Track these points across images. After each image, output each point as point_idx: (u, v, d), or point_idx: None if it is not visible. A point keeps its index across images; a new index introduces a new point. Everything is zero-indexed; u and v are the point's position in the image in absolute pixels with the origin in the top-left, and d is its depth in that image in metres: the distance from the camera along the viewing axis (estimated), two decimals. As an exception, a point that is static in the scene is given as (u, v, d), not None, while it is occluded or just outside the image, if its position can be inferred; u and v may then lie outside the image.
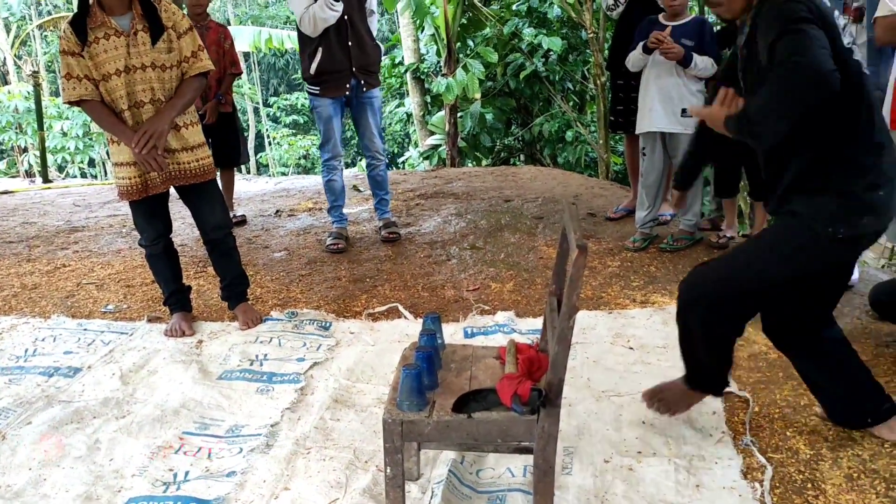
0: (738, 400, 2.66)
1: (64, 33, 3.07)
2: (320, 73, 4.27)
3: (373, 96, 4.42)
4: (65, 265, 4.58)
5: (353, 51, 4.24)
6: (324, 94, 4.32)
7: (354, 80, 4.30)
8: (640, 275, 3.89)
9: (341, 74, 4.27)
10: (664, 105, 4.01)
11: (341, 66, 4.24)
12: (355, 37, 4.24)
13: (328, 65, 4.24)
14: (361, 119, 4.44)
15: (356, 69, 4.27)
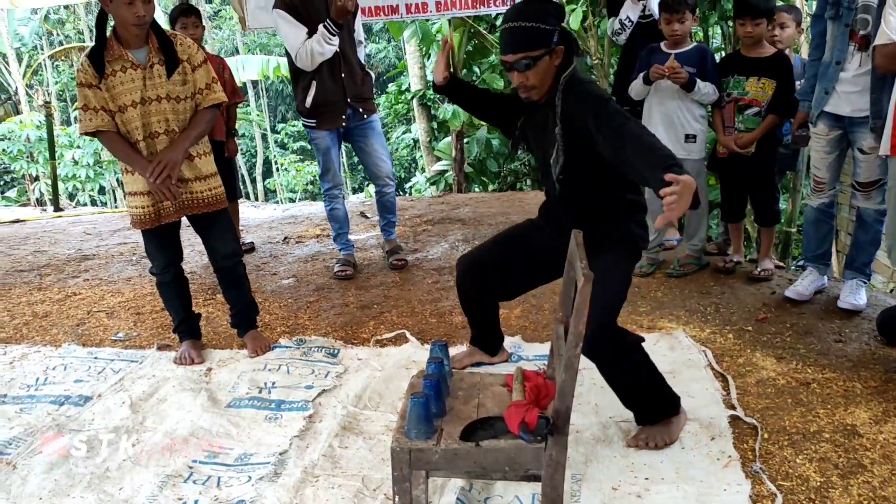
0: (747, 426, 2.66)
1: (82, 66, 3.13)
2: (316, 105, 4.31)
3: (372, 121, 4.47)
4: (75, 293, 4.62)
5: (346, 81, 4.29)
6: (320, 127, 4.37)
7: (350, 110, 4.34)
8: (647, 300, 3.90)
9: (336, 106, 4.32)
10: (667, 131, 4.04)
11: (336, 97, 4.29)
12: (347, 68, 4.29)
13: (323, 97, 4.29)
14: (365, 146, 4.48)
15: (350, 99, 4.32)
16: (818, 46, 3.53)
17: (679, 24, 3.96)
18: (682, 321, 3.61)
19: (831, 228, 3.76)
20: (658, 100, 4.05)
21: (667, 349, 3.32)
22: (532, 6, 2.49)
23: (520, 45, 2.46)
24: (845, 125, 3.43)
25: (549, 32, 2.48)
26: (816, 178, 3.64)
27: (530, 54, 2.46)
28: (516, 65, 2.48)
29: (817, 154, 3.59)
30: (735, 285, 4.01)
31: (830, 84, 3.40)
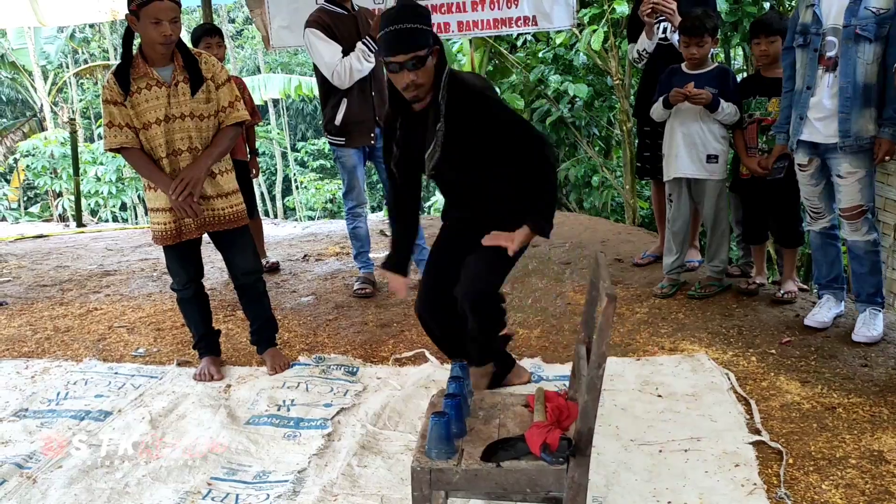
0: (771, 451, 2.62)
1: (107, 83, 3.17)
2: (345, 123, 4.33)
3: None
4: (97, 308, 4.65)
5: (376, 100, 4.31)
6: (349, 145, 4.39)
7: (379, 129, 4.34)
8: (668, 322, 3.87)
9: (366, 124, 4.33)
10: (689, 151, 4.03)
11: (365, 116, 4.31)
12: (377, 86, 4.31)
13: (354, 116, 4.31)
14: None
15: (379, 118, 4.32)
16: (790, 78, 3.58)
17: (697, 47, 3.95)
18: (705, 343, 3.57)
19: (839, 250, 3.73)
20: (680, 120, 4.04)
21: (689, 371, 3.28)
22: (409, 9, 2.64)
23: (408, 45, 2.58)
24: (821, 152, 3.45)
25: (429, 33, 2.66)
26: (812, 208, 3.63)
27: (418, 53, 2.60)
28: (406, 64, 2.59)
29: (805, 187, 3.60)
30: (758, 308, 3.96)
31: (804, 110, 3.45)
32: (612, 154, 10.41)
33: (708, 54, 4.04)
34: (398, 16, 2.61)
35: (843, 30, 3.24)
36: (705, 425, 2.81)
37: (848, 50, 3.24)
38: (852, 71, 3.24)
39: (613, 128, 9.84)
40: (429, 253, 3.20)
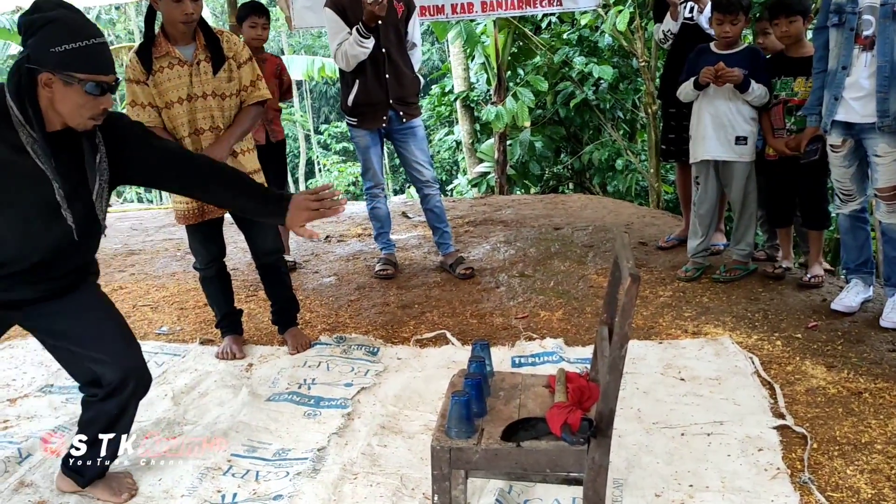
0: (796, 436, 2.58)
1: (130, 62, 3.17)
2: (357, 104, 4.31)
3: (414, 125, 4.41)
4: (122, 287, 4.68)
5: (391, 83, 4.25)
6: (360, 126, 4.37)
7: (392, 112, 4.30)
8: (692, 305, 3.82)
9: (378, 107, 4.29)
10: (717, 133, 3.96)
11: (377, 98, 4.26)
12: (392, 69, 4.25)
13: (364, 97, 4.28)
14: (405, 150, 4.45)
15: (393, 101, 4.27)
16: (821, 58, 3.50)
17: (731, 25, 3.88)
18: (729, 327, 3.53)
19: (868, 234, 3.66)
20: (708, 101, 3.97)
21: (712, 355, 3.25)
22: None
23: (113, 62, 2.18)
24: (856, 132, 3.38)
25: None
26: (842, 190, 3.55)
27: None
28: (113, 85, 2.15)
29: (837, 169, 3.53)
30: (784, 291, 3.91)
31: (839, 90, 3.38)
32: (637, 137, 10.32)
33: (741, 33, 3.97)
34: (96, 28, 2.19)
35: (881, 8, 3.17)
36: (728, 409, 2.78)
37: (886, 29, 3.17)
38: (890, 50, 3.17)
39: (638, 110, 9.74)
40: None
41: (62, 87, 2.04)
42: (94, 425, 2.38)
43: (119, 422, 2.39)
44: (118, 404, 2.35)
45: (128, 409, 2.40)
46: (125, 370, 2.33)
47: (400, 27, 4.25)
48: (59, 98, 2.06)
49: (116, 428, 2.39)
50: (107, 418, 2.37)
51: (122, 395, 2.35)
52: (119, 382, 2.31)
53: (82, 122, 2.12)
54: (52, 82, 2.04)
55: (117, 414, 2.37)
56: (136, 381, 2.36)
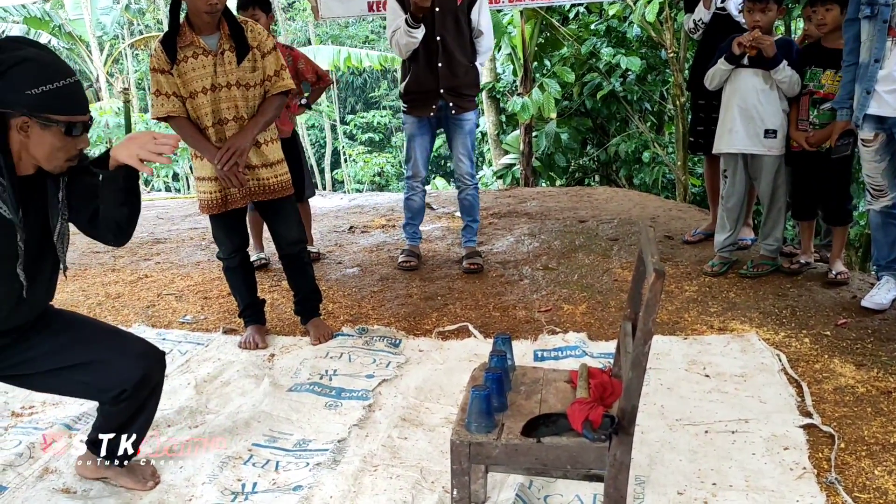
0: (823, 435, 2.54)
1: (155, 52, 3.18)
2: (408, 91, 4.32)
3: (464, 119, 4.35)
4: (147, 276, 4.72)
5: (443, 72, 4.20)
6: (410, 112, 4.37)
7: (442, 102, 4.26)
8: (718, 300, 3.77)
9: (427, 95, 4.26)
10: (746, 125, 3.89)
11: (428, 86, 4.24)
12: (446, 58, 4.20)
13: (416, 84, 4.27)
14: (452, 141, 4.43)
15: (444, 91, 4.23)
16: (852, 51, 3.43)
17: (762, 14, 3.80)
18: (756, 323, 3.48)
19: None
20: (737, 93, 3.90)
21: (738, 352, 3.20)
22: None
23: (87, 100, 2.15)
24: (889, 126, 3.31)
25: None
26: (874, 185, 3.47)
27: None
28: (89, 124, 2.11)
29: (869, 164, 3.45)
30: (813, 288, 3.84)
31: (871, 84, 3.31)
32: (665, 129, 10.20)
33: (772, 23, 3.89)
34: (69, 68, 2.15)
35: None
36: (754, 407, 2.74)
37: None
38: None
39: (666, 102, 9.62)
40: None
41: (39, 131, 1.97)
42: (123, 417, 2.36)
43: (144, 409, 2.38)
44: (143, 396, 2.33)
45: (154, 393, 2.38)
46: (137, 356, 2.30)
47: (460, 15, 4.18)
48: (34, 142, 1.99)
49: (142, 416, 2.39)
50: (137, 405, 2.34)
51: (149, 385, 2.32)
52: (140, 375, 2.27)
53: (59, 165, 2.07)
54: (29, 126, 1.96)
55: (142, 405, 2.36)
56: (153, 358, 2.34)
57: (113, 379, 2.25)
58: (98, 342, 2.31)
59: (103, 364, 2.25)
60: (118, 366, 2.26)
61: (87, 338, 2.32)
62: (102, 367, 2.25)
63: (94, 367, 2.25)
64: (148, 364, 2.31)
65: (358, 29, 21.80)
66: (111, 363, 2.26)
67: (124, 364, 2.27)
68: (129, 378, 2.25)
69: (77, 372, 2.25)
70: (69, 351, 2.26)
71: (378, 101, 22.23)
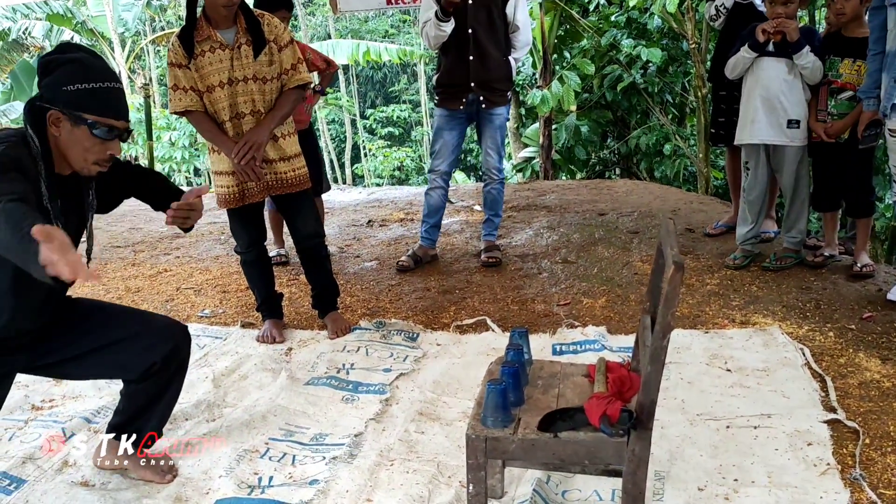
0: (847, 430, 2.49)
1: (172, 46, 3.18)
2: (440, 83, 4.30)
3: (494, 114, 4.29)
4: (166, 270, 4.74)
5: (474, 65, 4.15)
6: (440, 104, 4.34)
7: (472, 96, 4.21)
8: (740, 294, 3.72)
9: (458, 88, 4.22)
10: (768, 115, 3.83)
11: (459, 79, 4.20)
12: (478, 51, 4.14)
13: (447, 77, 4.26)
14: (481, 135, 4.39)
15: (475, 84, 4.18)
16: (878, 39, 3.35)
17: (783, 6, 3.73)
18: (779, 317, 3.42)
19: None
20: (759, 82, 3.84)
21: (760, 345, 3.15)
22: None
23: (127, 109, 2.15)
24: None
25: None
26: None
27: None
28: (124, 132, 2.13)
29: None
30: (838, 281, 3.77)
31: None
32: (686, 122, 10.09)
33: (794, 14, 3.82)
34: (112, 71, 2.17)
35: None
36: (777, 401, 2.69)
37: None
38: None
39: (688, 94, 9.52)
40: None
41: (69, 127, 2.01)
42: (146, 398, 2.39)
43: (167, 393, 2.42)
44: (169, 375, 2.38)
45: (181, 369, 2.43)
46: (163, 329, 2.35)
47: (493, 8, 4.11)
48: (65, 138, 2.03)
49: (167, 394, 2.42)
50: (164, 381, 2.38)
51: (178, 357, 2.37)
52: (170, 347, 2.32)
53: (87, 167, 2.09)
54: (60, 121, 2.00)
55: (168, 382, 2.39)
56: (179, 330, 2.40)
57: (143, 353, 2.29)
58: (123, 321, 2.35)
59: (132, 340, 2.29)
60: (147, 339, 2.30)
61: (112, 318, 2.36)
62: (132, 344, 2.28)
63: (123, 345, 2.28)
64: (175, 335, 2.37)
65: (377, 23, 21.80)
66: (139, 338, 2.30)
67: (153, 337, 2.31)
68: (160, 350, 2.30)
69: (107, 352, 2.29)
70: (96, 333, 2.30)
71: (398, 96, 22.23)
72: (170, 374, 2.38)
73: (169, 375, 2.38)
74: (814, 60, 3.69)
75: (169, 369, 2.36)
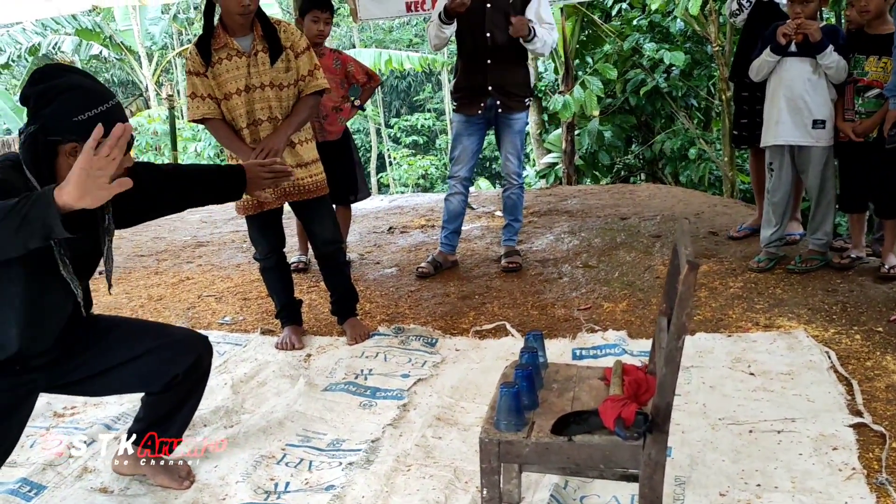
0: (874, 434, 2.43)
1: (190, 54, 3.21)
2: (457, 88, 4.28)
3: (512, 119, 4.24)
4: (189, 278, 4.77)
5: (491, 69, 4.11)
6: (458, 110, 4.31)
7: (490, 101, 4.17)
8: (764, 297, 3.65)
9: (476, 92, 4.17)
10: (793, 116, 3.77)
11: (476, 83, 4.16)
12: (496, 55, 4.10)
13: (465, 81, 4.23)
14: (500, 140, 4.34)
15: (492, 88, 4.13)
16: None
17: (802, 5, 3.68)
18: (804, 320, 3.36)
19: None
20: (783, 83, 3.78)
21: (784, 349, 3.09)
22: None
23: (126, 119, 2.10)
24: None
25: None
26: None
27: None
28: (131, 143, 2.06)
29: None
30: (864, 283, 3.70)
31: None
32: (712, 126, 9.99)
33: (815, 13, 3.76)
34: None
35: None
36: (801, 405, 2.64)
37: None
38: None
39: (713, 98, 9.43)
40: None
41: None
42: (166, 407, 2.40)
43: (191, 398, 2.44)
44: (194, 382, 2.41)
45: (202, 379, 2.45)
46: (185, 342, 2.37)
47: (511, 12, 4.02)
48: None
49: (188, 404, 2.44)
50: (186, 391, 2.40)
51: (200, 369, 2.39)
52: (193, 359, 2.34)
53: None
54: (78, 150, 1.96)
55: (189, 392, 2.41)
56: (200, 342, 2.41)
57: (165, 366, 2.30)
58: (145, 335, 2.37)
59: (155, 353, 2.30)
60: (168, 352, 2.31)
61: (134, 333, 2.38)
62: (153, 358, 2.29)
63: (144, 360, 2.29)
64: (197, 347, 2.38)
65: (402, 33, 21.90)
66: (161, 351, 2.31)
67: (174, 350, 2.32)
68: (182, 363, 2.31)
69: (130, 367, 2.30)
70: (119, 349, 2.31)
71: (422, 104, 22.28)
72: (191, 384, 2.40)
73: (190, 385, 2.40)
74: (838, 60, 3.63)
75: (190, 380, 2.38)
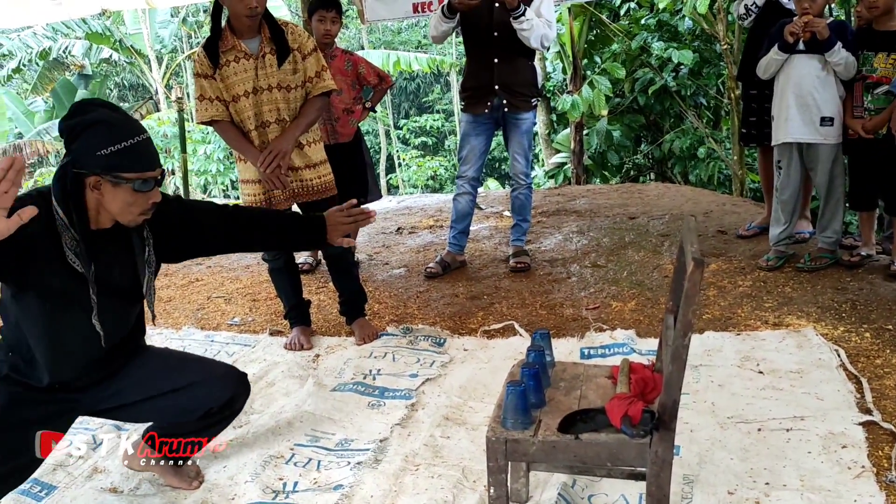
0: (883, 432, 2.41)
1: (197, 56, 3.23)
2: (465, 87, 4.27)
3: (519, 118, 4.22)
4: (198, 279, 4.80)
5: (498, 67, 4.10)
6: (465, 110, 4.30)
7: (497, 100, 4.16)
8: (773, 295, 3.64)
9: (482, 92, 4.16)
10: (801, 113, 3.75)
11: (482, 82, 4.15)
12: (502, 53, 4.08)
13: (472, 80, 4.22)
14: (508, 140, 4.33)
15: (499, 87, 4.12)
16: None
17: (809, 1, 3.66)
18: (813, 318, 3.34)
19: None
20: (791, 80, 3.77)
21: (794, 347, 3.08)
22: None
23: (157, 155, 2.15)
24: None
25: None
26: None
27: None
28: (160, 179, 2.14)
29: None
30: (874, 281, 3.68)
31: None
32: (721, 125, 9.96)
33: (822, 9, 3.75)
34: (140, 126, 2.20)
35: None
36: (810, 404, 2.63)
37: None
38: None
39: (722, 97, 9.40)
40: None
41: (111, 189, 2.03)
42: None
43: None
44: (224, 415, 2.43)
45: (233, 414, 2.47)
46: (224, 378, 2.40)
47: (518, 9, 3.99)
48: (108, 199, 2.05)
49: (214, 429, 2.45)
50: (215, 421, 2.42)
51: (233, 406, 2.42)
52: (229, 395, 2.38)
53: (133, 219, 2.12)
54: (101, 184, 2.03)
55: (218, 421, 2.43)
56: (239, 380, 2.43)
57: (202, 400, 2.33)
58: (185, 367, 2.41)
59: (193, 387, 2.33)
60: (206, 388, 2.34)
61: (175, 365, 2.42)
62: (192, 390, 2.33)
63: (184, 391, 2.32)
64: (236, 386, 2.42)
65: (410, 34, 21.92)
66: (199, 385, 2.34)
67: (212, 385, 2.36)
68: (219, 398, 2.35)
69: (167, 398, 2.33)
70: (159, 379, 2.34)
71: (431, 105, 22.30)
72: (221, 417, 2.42)
73: (219, 419, 2.42)
74: (846, 56, 3.62)
75: (222, 414, 2.41)
